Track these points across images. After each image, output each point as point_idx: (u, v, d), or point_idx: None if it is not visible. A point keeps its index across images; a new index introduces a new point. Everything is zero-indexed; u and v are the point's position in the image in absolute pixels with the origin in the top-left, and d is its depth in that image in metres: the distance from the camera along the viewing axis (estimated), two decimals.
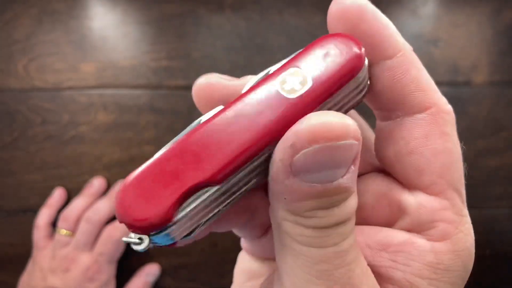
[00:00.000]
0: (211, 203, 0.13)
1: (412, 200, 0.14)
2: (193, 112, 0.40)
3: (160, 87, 0.40)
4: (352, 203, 0.12)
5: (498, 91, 0.41)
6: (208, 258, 0.39)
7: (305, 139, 0.11)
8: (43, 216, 0.38)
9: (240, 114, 0.13)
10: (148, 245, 0.12)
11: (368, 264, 0.14)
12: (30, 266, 0.37)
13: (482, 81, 0.41)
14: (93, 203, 0.38)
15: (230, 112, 0.13)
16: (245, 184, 0.13)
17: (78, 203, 0.38)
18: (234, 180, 0.13)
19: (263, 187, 0.16)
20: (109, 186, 0.39)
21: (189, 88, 0.40)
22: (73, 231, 0.37)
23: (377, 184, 0.15)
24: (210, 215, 0.13)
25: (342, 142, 0.11)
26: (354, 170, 0.12)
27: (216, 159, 0.12)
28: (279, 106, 0.13)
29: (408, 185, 0.14)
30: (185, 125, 0.13)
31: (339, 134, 0.11)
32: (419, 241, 0.14)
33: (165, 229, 0.12)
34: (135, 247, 0.12)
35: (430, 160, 0.14)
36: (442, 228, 0.14)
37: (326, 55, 0.13)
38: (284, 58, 0.14)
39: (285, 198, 0.12)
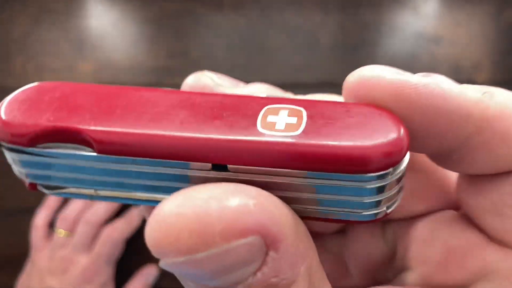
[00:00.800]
0: (81, 169, 0.10)
1: (505, 263, 0.11)
2: None
3: (159, 86, 0.40)
4: None
5: None
6: None
7: (151, 248, 0.08)
8: (41, 217, 0.37)
9: (196, 105, 0.10)
10: None
11: None
12: (28, 267, 0.37)
13: (484, 80, 0.40)
14: (92, 204, 0.38)
15: (192, 96, 0.10)
16: (137, 188, 0.10)
17: (76, 203, 0.37)
18: (118, 165, 0.10)
19: None
20: None
21: None
22: (71, 231, 0.37)
23: (449, 234, 0.12)
24: (81, 188, 0.10)
25: (202, 254, 0.07)
26: (279, 256, 0.08)
27: (118, 123, 0.09)
28: (237, 129, 0.09)
29: (501, 241, 0.11)
30: None
31: (190, 245, 0.07)
32: None
33: (19, 152, 0.10)
34: None
35: None
36: None
37: (347, 120, 0.09)
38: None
39: None
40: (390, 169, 0.09)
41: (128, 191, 0.10)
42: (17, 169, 0.11)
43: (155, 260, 0.39)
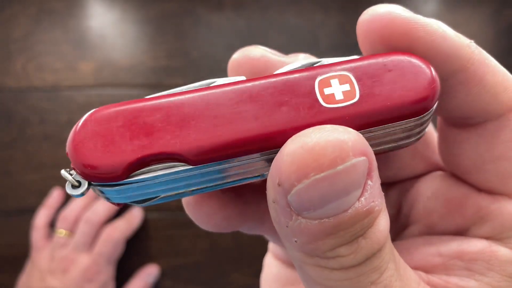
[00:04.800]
0: (177, 180, 0.11)
1: (494, 205, 0.13)
2: None
3: (159, 86, 0.40)
4: (381, 225, 0.10)
5: None
6: (208, 258, 0.39)
7: (290, 176, 0.09)
8: (41, 217, 0.37)
9: (257, 96, 0.11)
10: (85, 192, 0.11)
11: (439, 274, 0.12)
12: (28, 267, 0.37)
13: None
14: (92, 203, 0.38)
15: (247, 88, 0.11)
16: (232, 177, 0.11)
17: (77, 203, 0.37)
18: (214, 168, 0.11)
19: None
20: None
21: None
22: (72, 231, 0.37)
23: (447, 189, 0.14)
24: (175, 192, 0.11)
25: (340, 167, 0.09)
26: (373, 184, 0.10)
27: (202, 135, 0.10)
28: (306, 110, 0.11)
29: (488, 191, 0.13)
30: None
31: (333, 158, 0.09)
32: (501, 250, 0.12)
33: (112, 185, 0.10)
34: (69, 190, 0.11)
35: None
36: None
37: (389, 74, 0.11)
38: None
39: (295, 241, 0.10)
40: (434, 103, 0.11)
41: (220, 181, 0.11)
42: (105, 196, 0.11)
43: (155, 260, 0.39)
